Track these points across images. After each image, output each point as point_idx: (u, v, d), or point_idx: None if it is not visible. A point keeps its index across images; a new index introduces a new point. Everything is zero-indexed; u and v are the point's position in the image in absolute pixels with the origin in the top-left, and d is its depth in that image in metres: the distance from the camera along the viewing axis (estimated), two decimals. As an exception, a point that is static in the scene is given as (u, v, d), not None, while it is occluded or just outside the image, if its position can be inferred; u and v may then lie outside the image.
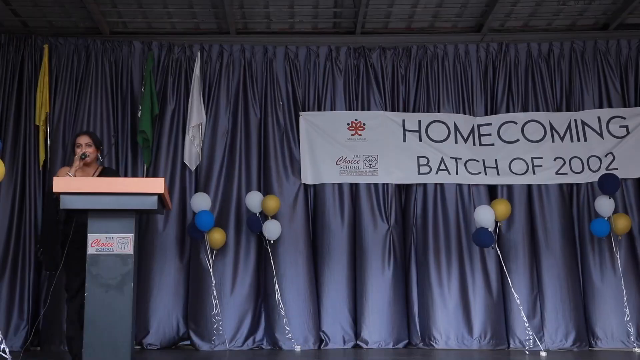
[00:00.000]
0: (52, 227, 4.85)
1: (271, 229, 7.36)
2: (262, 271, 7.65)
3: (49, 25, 8.08)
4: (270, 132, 7.93)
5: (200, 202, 7.34)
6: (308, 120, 7.98)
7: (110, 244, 3.95)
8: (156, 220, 7.63)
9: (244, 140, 7.92)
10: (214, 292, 7.38)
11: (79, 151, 5.17)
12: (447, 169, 7.88)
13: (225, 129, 7.93)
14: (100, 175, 5.09)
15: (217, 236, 7.34)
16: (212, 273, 7.42)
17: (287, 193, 7.81)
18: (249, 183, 7.83)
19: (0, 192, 7.53)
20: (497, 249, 7.32)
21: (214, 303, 7.36)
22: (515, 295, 7.21)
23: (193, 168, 7.77)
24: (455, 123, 8.02)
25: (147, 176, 7.59)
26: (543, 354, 6.90)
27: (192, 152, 7.73)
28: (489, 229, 7.07)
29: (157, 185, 4.01)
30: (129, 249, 3.96)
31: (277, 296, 7.37)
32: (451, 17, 8.17)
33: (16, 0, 7.55)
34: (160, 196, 4.06)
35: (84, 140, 5.26)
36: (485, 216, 7.11)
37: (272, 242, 7.42)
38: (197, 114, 7.70)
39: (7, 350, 4.05)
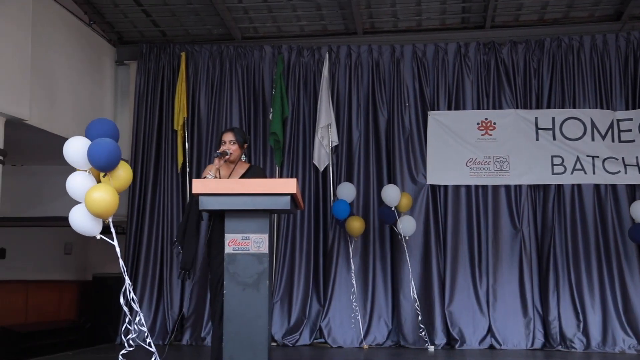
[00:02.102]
0: (193, 227, 5.03)
1: (406, 225, 7.33)
2: (396, 268, 7.66)
3: (185, 33, 8.48)
4: (397, 133, 7.91)
5: (342, 191, 7.46)
6: (437, 120, 7.89)
7: (246, 243, 4.07)
8: (290, 220, 7.83)
9: (374, 141, 7.97)
10: (353, 279, 7.45)
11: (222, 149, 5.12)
12: (583, 169, 7.58)
13: (358, 130, 8.00)
14: (244, 174, 5.10)
15: (355, 224, 7.39)
16: (351, 261, 7.49)
17: (415, 193, 7.79)
18: (381, 185, 7.84)
19: (147, 195, 8.01)
20: None
21: (352, 290, 7.45)
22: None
23: (322, 168, 7.89)
24: (591, 119, 7.68)
25: (278, 177, 7.81)
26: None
27: (321, 152, 7.85)
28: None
29: (289, 185, 4.08)
30: (264, 248, 4.06)
31: (413, 294, 7.35)
32: (587, 6, 7.82)
33: (156, 11, 7.99)
34: (293, 196, 4.14)
35: (227, 137, 5.09)
36: None
37: (407, 238, 7.41)
38: (325, 115, 7.81)
39: (152, 344, 4.27)
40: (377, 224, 7.80)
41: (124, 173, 4.53)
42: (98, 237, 4.39)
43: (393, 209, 7.34)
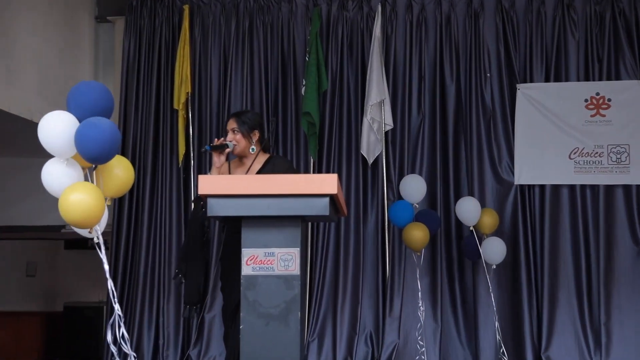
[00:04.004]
0: (197, 248, 5.07)
1: (494, 251, 7.26)
2: (473, 296, 7.72)
3: (190, -21, 8.53)
4: (475, 114, 7.90)
5: (407, 186, 7.41)
6: (528, 95, 7.86)
7: (270, 261, 4.03)
8: (331, 230, 7.87)
9: (442, 124, 7.98)
10: (421, 308, 7.41)
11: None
12: None
13: (420, 110, 8.01)
14: (260, 168, 5.14)
15: (416, 234, 7.18)
16: (419, 285, 7.43)
17: (499, 196, 7.80)
18: (457, 185, 7.92)
19: (140, 197, 8.12)
20: None
21: (418, 325, 7.42)
22: None
23: (371, 160, 7.88)
24: None
25: (314, 172, 7.82)
26: None
27: (370, 139, 7.83)
28: None
29: (328, 183, 4.01)
30: (294, 267, 4.01)
31: (498, 335, 7.33)
32: None
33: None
34: (333, 197, 4.12)
35: (229, 126, 5.32)
36: None
37: (494, 267, 7.37)
38: (377, 90, 7.75)
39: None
40: (444, 235, 7.80)
41: (122, 172, 4.42)
42: (96, 239, 4.32)
43: (472, 229, 7.28)
